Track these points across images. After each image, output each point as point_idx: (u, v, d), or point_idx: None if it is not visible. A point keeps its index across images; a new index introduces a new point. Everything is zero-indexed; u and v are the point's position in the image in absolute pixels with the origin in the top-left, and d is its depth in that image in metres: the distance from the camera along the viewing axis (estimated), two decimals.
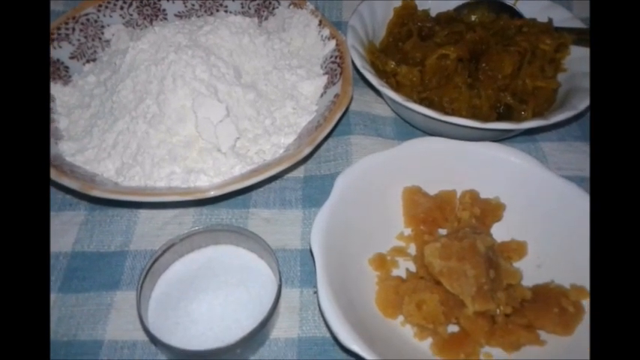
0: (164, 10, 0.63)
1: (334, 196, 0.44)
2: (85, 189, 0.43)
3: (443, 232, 0.48)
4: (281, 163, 0.45)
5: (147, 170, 0.46)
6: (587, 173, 0.55)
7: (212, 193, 0.43)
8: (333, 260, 0.41)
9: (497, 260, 0.42)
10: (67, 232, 0.49)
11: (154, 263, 0.43)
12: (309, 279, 0.47)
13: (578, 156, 0.56)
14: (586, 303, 0.41)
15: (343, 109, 0.50)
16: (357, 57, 0.53)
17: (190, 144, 0.47)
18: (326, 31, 0.58)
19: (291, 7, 0.61)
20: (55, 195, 0.52)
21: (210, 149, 0.47)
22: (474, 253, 0.40)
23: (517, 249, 0.46)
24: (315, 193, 0.53)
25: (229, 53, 0.53)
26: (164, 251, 0.44)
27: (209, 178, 0.45)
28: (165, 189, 0.45)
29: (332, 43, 0.57)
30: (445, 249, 0.41)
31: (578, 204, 0.45)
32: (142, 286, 0.42)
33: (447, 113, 0.52)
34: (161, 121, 0.46)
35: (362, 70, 0.52)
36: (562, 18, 0.59)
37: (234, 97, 0.49)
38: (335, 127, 0.51)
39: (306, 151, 0.46)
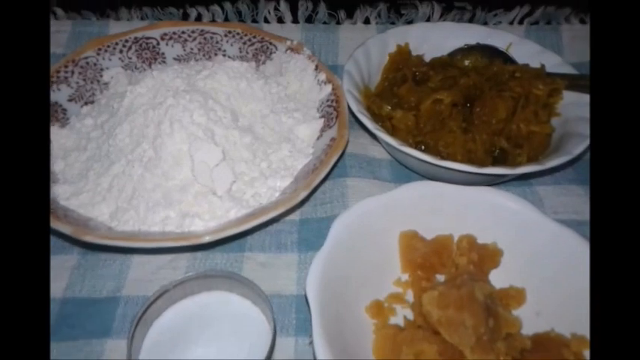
0: (163, 53, 0.64)
1: (329, 242, 0.44)
2: (78, 234, 0.43)
3: (441, 277, 0.48)
4: (277, 208, 0.45)
5: (141, 214, 0.45)
6: (583, 217, 0.55)
7: (207, 239, 0.42)
8: (329, 309, 0.40)
9: (495, 309, 0.42)
10: (58, 276, 0.48)
11: (146, 311, 0.42)
12: (304, 327, 0.45)
13: (574, 199, 0.56)
14: (587, 353, 0.40)
15: (339, 152, 0.50)
16: (352, 101, 0.54)
17: (186, 188, 0.47)
18: (322, 76, 0.59)
19: (289, 52, 0.62)
20: None
21: (205, 193, 0.47)
22: (472, 302, 0.40)
23: (515, 296, 0.46)
24: (311, 237, 0.52)
25: (227, 97, 0.53)
26: (156, 298, 0.43)
27: (204, 223, 0.45)
28: (159, 234, 0.44)
29: (328, 88, 0.58)
30: (443, 297, 0.40)
31: (575, 250, 0.44)
32: (133, 336, 0.41)
33: (442, 157, 0.53)
34: (157, 164, 0.46)
35: (358, 114, 0.53)
36: (553, 63, 0.60)
37: (231, 141, 0.50)
38: (331, 170, 0.51)
39: (303, 195, 0.46)
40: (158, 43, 0.64)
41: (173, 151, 0.46)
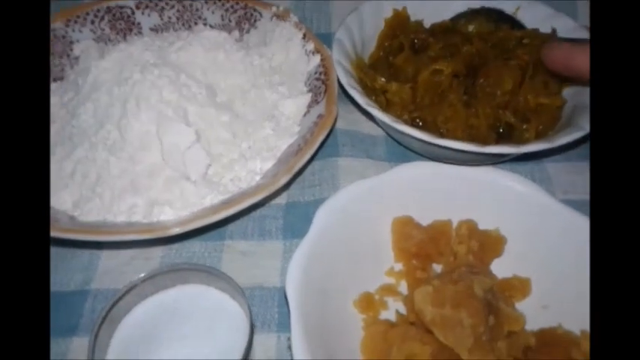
0: (139, 23, 0.59)
1: (313, 231, 0.40)
2: None
3: (438, 267, 0.44)
4: (255, 194, 0.41)
5: (106, 203, 0.41)
6: None
7: (176, 230, 0.38)
8: (311, 308, 0.36)
9: (497, 304, 0.37)
10: None
11: (112, 308, 0.38)
12: (287, 322, 0.41)
13: (586, 178, 0.51)
14: None
15: (326, 132, 0.45)
16: (342, 73, 0.49)
17: (155, 173, 0.42)
18: (310, 45, 0.54)
19: (274, 19, 0.57)
20: None
21: (177, 178, 0.42)
22: (470, 299, 0.35)
23: (520, 287, 0.41)
24: (298, 222, 0.48)
25: (203, 71, 0.48)
26: (123, 294, 0.39)
27: (175, 212, 0.41)
28: (125, 225, 0.40)
29: (316, 58, 0.53)
30: (438, 294, 0.36)
31: (587, 237, 0.40)
32: (97, 335, 0.37)
33: (441, 134, 0.48)
34: (122, 148, 0.42)
35: (347, 88, 0.48)
36: (566, 28, 0.54)
37: (207, 120, 0.45)
38: (318, 151, 0.47)
39: (283, 180, 0.41)
40: (133, 13, 0.59)
41: (140, 132, 0.42)
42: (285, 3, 0.66)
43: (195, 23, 0.60)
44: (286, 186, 0.47)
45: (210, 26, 0.59)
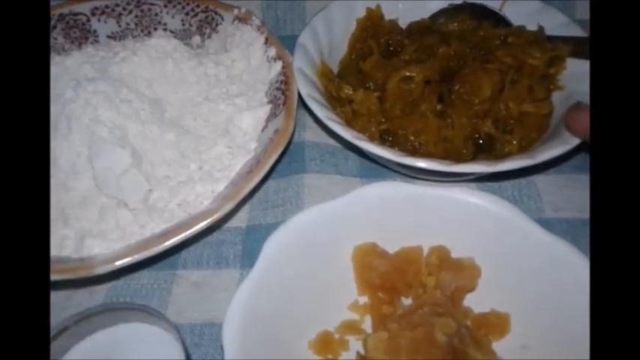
0: (95, 31, 0.55)
1: (261, 264, 0.35)
2: None
3: (408, 299, 0.39)
4: (198, 223, 0.37)
5: None
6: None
7: (101, 270, 0.34)
8: (256, 354, 0.32)
9: (464, 349, 0.33)
10: None
11: None
12: None
13: (580, 193, 0.46)
14: None
15: (280, 151, 0.41)
16: (303, 82, 0.44)
17: (88, 200, 0.38)
18: (272, 51, 0.49)
19: (236, 22, 0.53)
20: None
21: (113, 206, 0.38)
22: (430, 346, 0.31)
23: (497, 323, 0.37)
24: (258, 248, 0.43)
25: (148, 84, 0.44)
26: (54, 337, 0.35)
27: (108, 244, 0.37)
28: (54, 260, 0.36)
29: (278, 66, 0.48)
30: (393, 342, 0.31)
31: (572, 268, 0.35)
32: None
33: (413, 148, 0.43)
34: (53, 174, 0.38)
35: (307, 100, 0.43)
36: (557, 23, 0.49)
37: (150, 139, 0.41)
38: (271, 171, 0.43)
39: (228, 207, 0.37)
40: (88, 20, 0.55)
41: (70, 156, 0.38)
42: (257, 3, 0.62)
43: (155, 29, 0.55)
44: (237, 209, 0.43)
45: (171, 31, 0.55)
